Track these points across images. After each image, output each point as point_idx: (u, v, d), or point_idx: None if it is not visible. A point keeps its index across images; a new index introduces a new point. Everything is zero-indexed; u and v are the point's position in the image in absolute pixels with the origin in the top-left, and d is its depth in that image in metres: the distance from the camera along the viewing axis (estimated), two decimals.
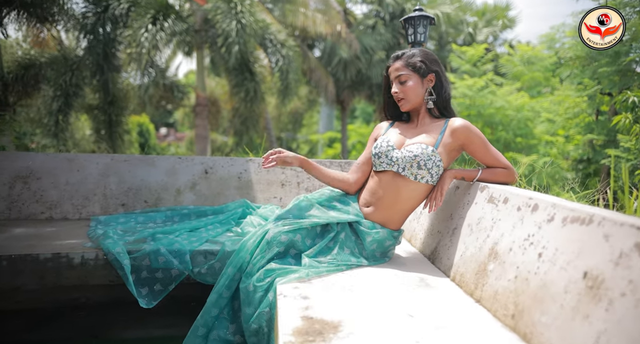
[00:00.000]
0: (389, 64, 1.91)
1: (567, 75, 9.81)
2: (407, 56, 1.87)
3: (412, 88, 1.85)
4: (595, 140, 8.98)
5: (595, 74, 8.39)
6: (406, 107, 1.87)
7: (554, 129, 10.54)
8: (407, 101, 1.86)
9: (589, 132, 8.97)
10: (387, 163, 1.84)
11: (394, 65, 1.88)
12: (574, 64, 9.00)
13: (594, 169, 9.71)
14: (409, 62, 1.86)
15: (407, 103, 1.86)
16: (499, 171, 1.81)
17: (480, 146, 1.80)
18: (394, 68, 1.87)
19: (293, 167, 2.77)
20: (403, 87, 1.85)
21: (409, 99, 1.86)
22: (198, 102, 11.05)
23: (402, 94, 1.85)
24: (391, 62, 1.90)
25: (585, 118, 9.13)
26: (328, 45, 14.33)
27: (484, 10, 18.72)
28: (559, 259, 1.13)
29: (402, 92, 1.85)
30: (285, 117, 21.38)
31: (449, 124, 1.84)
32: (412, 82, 1.85)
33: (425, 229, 2.17)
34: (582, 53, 8.80)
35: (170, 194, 2.53)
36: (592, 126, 9.01)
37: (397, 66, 1.86)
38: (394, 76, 1.86)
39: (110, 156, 2.42)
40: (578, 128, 9.38)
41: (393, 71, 1.87)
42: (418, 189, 1.83)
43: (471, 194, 1.82)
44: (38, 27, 8.45)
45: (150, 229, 2.08)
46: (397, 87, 1.86)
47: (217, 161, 2.66)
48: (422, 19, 3.13)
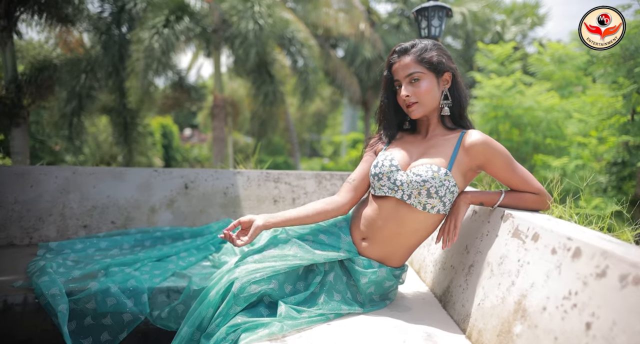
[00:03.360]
0: (391, 60, 1.51)
1: (601, 73, 9.38)
2: (419, 50, 1.47)
3: (428, 90, 1.46)
4: (631, 141, 8.46)
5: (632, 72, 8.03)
6: (418, 114, 1.48)
7: (587, 130, 9.96)
8: (421, 105, 1.47)
9: (624, 134, 8.48)
10: (389, 188, 1.46)
11: (401, 61, 1.48)
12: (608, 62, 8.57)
13: (629, 173, 9.21)
14: (422, 57, 1.46)
15: (421, 109, 1.47)
16: (528, 197, 1.41)
17: (503, 167, 1.40)
18: (402, 65, 1.47)
19: (288, 181, 2.41)
20: (416, 88, 1.46)
21: (424, 103, 1.47)
22: (215, 103, 10.86)
23: (415, 97, 1.46)
24: (396, 58, 1.49)
25: (620, 119, 8.61)
26: (351, 45, 14.00)
27: (512, 8, 18.33)
28: (620, 340, 0.73)
29: (415, 95, 1.46)
30: (308, 119, 21.18)
31: (464, 138, 1.44)
32: (427, 83, 1.46)
33: (437, 261, 1.78)
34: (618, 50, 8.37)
35: (142, 213, 2.21)
36: (628, 127, 8.54)
37: (407, 62, 1.46)
38: (403, 75, 1.47)
39: (72, 169, 2.12)
40: (612, 129, 8.89)
41: (400, 69, 1.47)
42: (427, 220, 1.45)
43: (491, 223, 1.43)
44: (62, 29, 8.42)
45: (108, 259, 1.76)
46: (408, 89, 1.46)
47: (199, 173, 2.33)
48: (437, 9, 2.72)
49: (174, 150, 20.36)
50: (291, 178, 2.40)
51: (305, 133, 23.10)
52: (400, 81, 1.48)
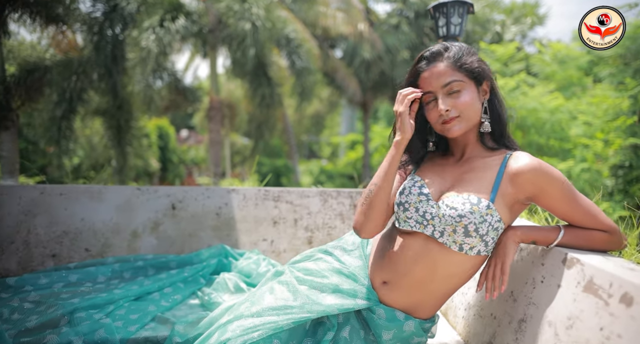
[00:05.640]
0: (419, 69, 1.20)
1: (607, 74, 9.24)
2: (455, 54, 1.18)
3: (471, 102, 1.17)
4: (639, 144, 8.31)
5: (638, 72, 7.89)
6: (459, 131, 1.18)
7: (592, 132, 9.78)
8: (463, 120, 1.17)
9: (631, 136, 8.30)
10: (418, 221, 1.18)
11: (433, 68, 1.18)
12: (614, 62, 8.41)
13: (637, 176, 9.06)
14: (461, 62, 1.18)
15: (462, 124, 1.18)
16: (596, 236, 1.12)
17: (561, 199, 1.12)
18: (436, 73, 1.17)
19: (289, 200, 2.12)
20: (456, 100, 1.16)
21: (466, 117, 1.18)
22: (211, 105, 10.55)
23: (457, 111, 1.17)
24: (425, 66, 1.19)
25: (627, 120, 8.45)
26: (350, 45, 13.76)
27: (511, 7, 18.27)
28: None
29: (455, 108, 1.16)
30: (306, 120, 20.96)
31: (509, 162, 1.16)
32: (468, 93, 1.18)
33: (470, 304, 1.49)
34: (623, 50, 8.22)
35: (122, 239, 1.91)
36: (635, 129, 8.36)
37: (441, 69, 1.17)
38: (439, 85, 1.17)
39: (40, 188, 1.82)
40: (619, 131, 8.71)
41: (434, 78, 1.17)
42: (464, 263, 1.16)
43: (547, 267, 1.14)
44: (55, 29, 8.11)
45: (77, 298, 1.46)
46: (446, 102, 1.16)
47: (188, 192, 2.04)
48: (457, 5, 2.43)
49: (170, 152, 20.06)
50: (293, 196, 2.11)
51: (304, 134, 22.83)
52: (434, 93, 1.18)
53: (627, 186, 9.79)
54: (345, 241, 1.38)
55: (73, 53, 8.06)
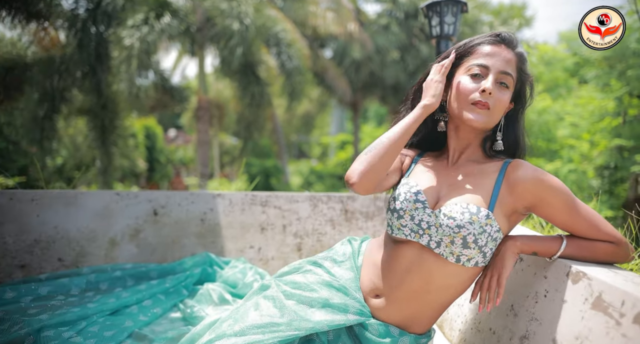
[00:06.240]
0: (491, 40, 1.13)
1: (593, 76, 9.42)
2: (523, 54, 1.14)
3: (505, 105, 1.11)
4: (623, 145, 8.48)
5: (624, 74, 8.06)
6: (480, 123, 1.09)
7: (578, 133, 9.95)
8: (490, 116, 1.10)
9: (616, 137, 8.45)
10: (413, 230, 1.10)
11: (504, 50, 1.11)
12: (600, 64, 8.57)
13: (621, 177, 9.21)
14: (524, 63, 1.14)
15: (487, 119, 1.10)
16: (601, 247, 1.06)
17: (562, 209, 1.06)
18: (505, 56, 1.10)
19: (277, 205, 2.03)
20: (499, 95, 1.09)
21: (494, 115, 1.10)
22: (199, 105, 10.39)
23: (494, 101, 1.08)
24: (497, 41, 1.13)
25: (612, 122, 8.60)
26: (340, 45, 13.72)
27: (499, 9, 18.52)
28: None
29: (495, 98, 1.08)
30: (296, 120, 20.91)
31: (508, 170, 1.08)
32: (508, 95, 1.11)
33: (468, 318, 1.41)
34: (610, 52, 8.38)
35: (99, 247, 1.80)
36: (620, 130, 8.51)
37: (509, 57, 1.11)
38: (498, 68, 1.09)
39: (9, 194, 1.70)
40: (604, 132, 8.86)
41: (499, 58, 1.10)
42: (461, 274, 1.09)
43: (550, 281, 1.07)
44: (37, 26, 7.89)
45: (46, 314, 1.35)
46: (494, 86, 1.08)
47: (171, 197, 1.93)
48: (451, 4, 2.36)
49: (157, 152, 19.82)
50: (281, 201, 2.02)
51: (293, 134, 22.76)
52: (489, 70, 1.09)
53: (612, 187, 9.96)
54: (336, 252, 1.29)
55: (55, 51, 7.86)
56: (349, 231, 2.07)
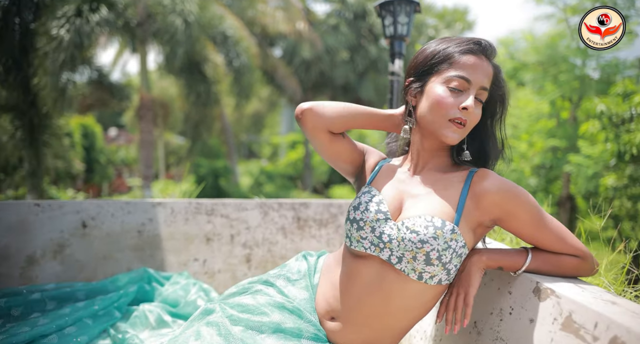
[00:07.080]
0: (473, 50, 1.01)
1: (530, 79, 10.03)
2: (499, 67, 1.05)
3: (478, 119, 1.03)
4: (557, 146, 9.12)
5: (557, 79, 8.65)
6: (455, 140, 1.01)
7: (518, 134, 10.52)
8: (466, 131, 1.02)
9: (551, 138, 9.05)
10: (373, 243, 1.01)
11: (485, 63, 1.02)
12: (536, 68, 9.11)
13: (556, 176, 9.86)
14: (500, 77, 1.06)
15: (463, 136, 1.02)
16: (566, 261, 1.01)
17: (529, 222, 1.00)
18: (486, 70, 1.02)
19: (224, 213, 1.87)
20: (476, 109, 1.01)
21: (468, 130, 1.03)
22: (142, 104, 9.86)
23: (472, 118, 1.01)
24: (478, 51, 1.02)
25: (547, 123, 9.21)
26: (290, 45, 13.61)
27: (443, 13, 19.20)
28: None
29: (473, 115, 1.00)
30: (246, 119, 20.53)
31: (473, 180, 1.01)
32: (480, 109, 1.03)
33: (428, 335, 1.34)
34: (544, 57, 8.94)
35: (13, 267, 1.57)
36: (554, 132, 9.13)
37: (490, 71, 1.02)
38: (479, 83, 1.00)
39: None
40: (541, 133, 9.44)
41: (481, 72, 1.00)
42: (424, 293, 1.01)
43: (515, 297, 1.02)
44: None
45: None
46: (473, 103, 0.99)
47: (104, 207, 1.72)
48: (404, 3, 2.31)
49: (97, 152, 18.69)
50: (229, 209, 1.87)
51: (243, 134, 22.34)
52: (471, 85, 0.99)
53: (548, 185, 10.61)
54: (290, 269, 1.17)
55: None
56: (301, 239, 1.96)
